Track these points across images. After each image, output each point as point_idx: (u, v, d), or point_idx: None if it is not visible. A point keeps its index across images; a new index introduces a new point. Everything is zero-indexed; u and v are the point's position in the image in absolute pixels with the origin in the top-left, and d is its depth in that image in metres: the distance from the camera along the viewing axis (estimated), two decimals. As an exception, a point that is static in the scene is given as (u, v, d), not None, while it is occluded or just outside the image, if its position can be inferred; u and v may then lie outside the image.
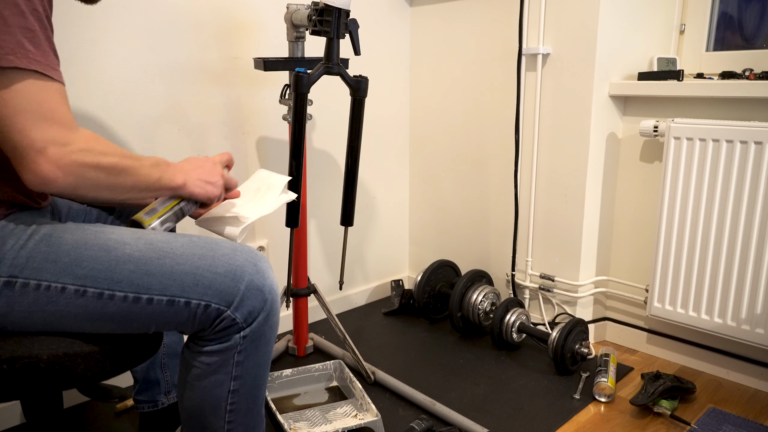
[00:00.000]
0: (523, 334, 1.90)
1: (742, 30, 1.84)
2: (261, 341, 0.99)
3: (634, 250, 1.90)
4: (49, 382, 0.89)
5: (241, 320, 0.95)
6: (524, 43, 1.90)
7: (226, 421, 1.01)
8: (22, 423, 1.50)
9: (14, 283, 0.86)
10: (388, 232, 2.35)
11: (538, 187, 1.96)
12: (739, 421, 1.51)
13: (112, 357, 0.94)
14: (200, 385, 0.98)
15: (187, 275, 0.91)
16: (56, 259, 0.87)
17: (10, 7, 0.78)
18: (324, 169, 2.06)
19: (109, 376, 0.96)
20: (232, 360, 0.97)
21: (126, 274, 0.89)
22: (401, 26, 2.22)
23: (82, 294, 0.88)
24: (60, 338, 0.91)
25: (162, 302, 0.91)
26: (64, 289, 0.87)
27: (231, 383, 0.99)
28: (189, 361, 0.99)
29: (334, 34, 1.41)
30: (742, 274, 1.58)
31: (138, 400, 1.37)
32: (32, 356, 0.88)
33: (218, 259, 0.93)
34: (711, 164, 1.59)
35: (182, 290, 0.91)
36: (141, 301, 0.90)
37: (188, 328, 0.96)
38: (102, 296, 0.89)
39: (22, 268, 0.86)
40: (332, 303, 2.18)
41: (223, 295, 0.93)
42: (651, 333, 1.88)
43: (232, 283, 0.93)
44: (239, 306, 0.94)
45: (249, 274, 0.94)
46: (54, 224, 0.91)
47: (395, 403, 1.60)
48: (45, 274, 0.86)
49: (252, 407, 1.04)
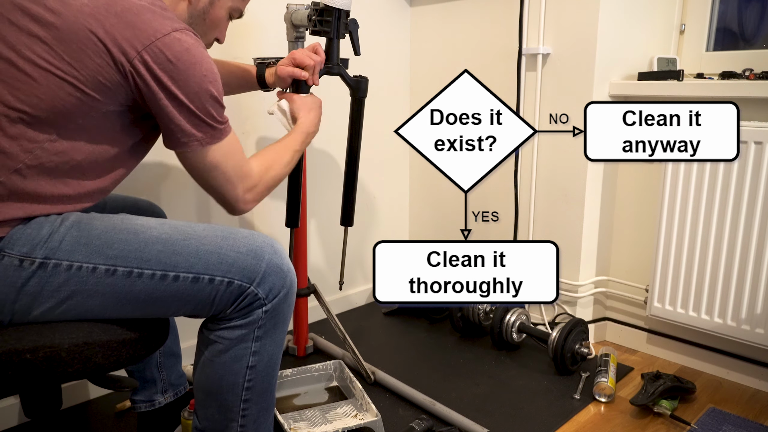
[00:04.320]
0: (523, 334, 1.90)
1: (742, 30, 1.84)
2: (279, 319, 1.03)
3: (634, 250, 1.90)
4: (69, 371, 0.92)
5: (263, 296, 0.99)
6: (524, 43, 1.89)
7: (242, 399, 1.05)
8: (21, 423, 1.50)
9: (47, 264, 0.90)
10: (388, 232, 2.35)
11: (538, 187, 1.96)
12: (739, 421, 1.51)
13: (127, 346, 0.98)
14: (220, 360, 1.02)
15: (212, 254, 0.97)
16: (88, 242, 0.92)
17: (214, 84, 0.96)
18: (324, 169, 2.06)
19: (123, 365, 0.99)
20: (253, 335, 1.02)
21: (154, 254, 0.94)
22: (401, 26, 2.22)
23: (112, 273, 0.93)
24: (77, 327, 0.94)
25: (188, 279, 0.96)
26: (95, 269, 0.92)
27: (250, 358, 1.03)
28: (209, 339, 1.03)
29: (334, 35, 1.41)
30: (742, 274, 1.58)
31: (135, 400, 1.38)
32: (54, 345, 0.90)
33: (239, 240, 0.99)
34: (711, 164, 1.59)
35: (207, 268, 0.96)
36: (168, 278, 0.95)
37: (206, 309, 0.99)
38: (131, 274, 0.93)
39: (56, 250, 0.90)
40: (332, 303, 2.18)
41: (246, 272, 0.98)
42: (651, 333, 1.88)
43: (254, 261, 0.98)
44: (261, 282, 0.99)
45: (268, 253, 1.00)
46: (80, 213, 0.96)
47: (395, 403, 1.60)
48: (77, 256, 0.91)
49: (267, 388, 1.08)
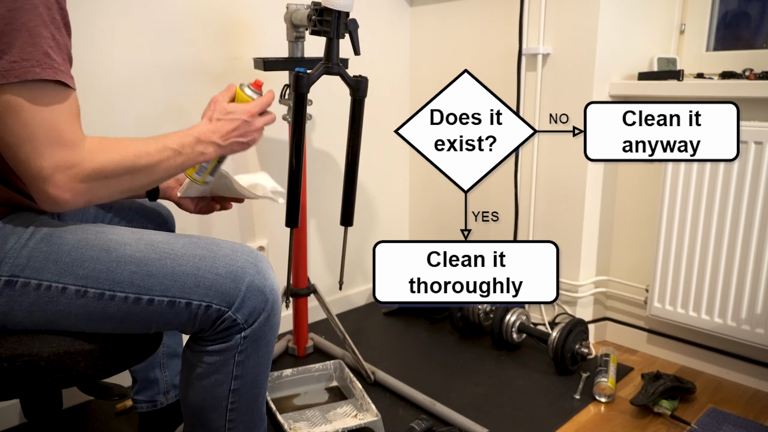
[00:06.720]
0: (523, 334, 1.90)
1: (742, 30, 1.84)
2: (262, 341, 0.99)
3: (634, 250, 1.90)
4: (49, 380, 0.89)
5: (242, 321, 0.94)
6: (524, 43, 1.89)
7: (227, 420, 1.02)
8: (21, 423, 1.50)
9: (15, 283, 0.86)
10: (388, 232, 2.35)
11: (538, 187, 1.96)
12: (739, 421, 1.51)
13: (112, 355, 0.95)
14: (201, 384, 0.99)
15: (189, 276, 0.91)
16: (57, 258, 0.87)
17: (34, 18, 0.77)
18: (324, 169, 2.06)
19: (109, 374, 0.96)
20: (233, 360, 0.97)
21: (127, 275, 0.89)
22: (401, 26, 2.22)
23: (83, 294, 0.88)
24: (60, 336, 0.91)
25: (163, 303, 0.91)
26: (65, 289, 0.87)
27: (232, 383, 0.99)
28: (191, 360, 0.99)
29: (334, 34, 1.41)
30: (742, 274, 1.58)
31: (136, 399, 1.37)
32: (33, 354, 0.88)
33: (219, 260, 0.93)
34: (711, 164, 1.59)
35: (183, 291, 0.91)
36: (142, 302, 0.90)
37: (189, 328, 0.96)
38: (103, 297, 0.88)
39: (23, 267, 0.86)
40: (332, 303, 2.18)
41: (224, 296, 0.92)
42: (651, 333, 1.88)
43: (233, 284, 0.93)
44: (240, 307, 0.94)
45: (250, 275, 0.94)
46: (53, 224, 0.91)
47: (395, 403, 1.60)
48: (46, 274, 0.86)
49: (252, 407, 1.04)
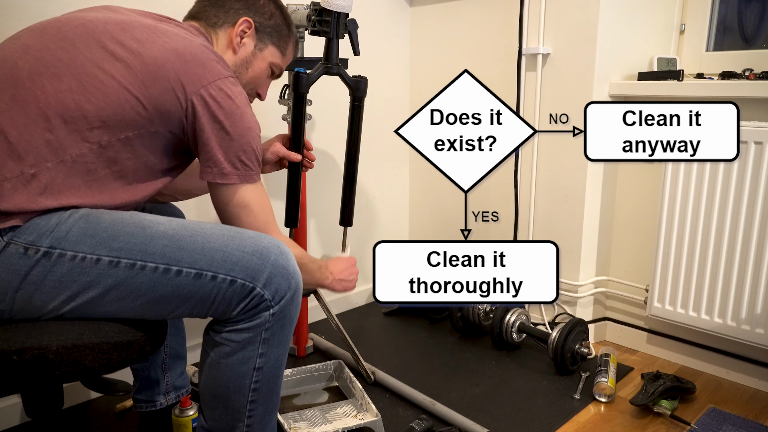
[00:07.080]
0: (523, 334, 1.90)
1: (742, 30, 1.84)
2: (286, 321, 1.04)
3: (634, 250, 1.90)
4: (57, 373, 0.91)
5: (269, 297, 1.00)
6: (524, 43, 1.89)
7: (248, 400, 1.05)
8: (22, 423, 1.50)
9: (52, 254, 0.91)
10: (388, 232, 2.35)
11: (538, 187, 1.96)
12: (739, 421, 1.51)
13: (119, 350, 0.97)
14: (227, 362, 1.03)
15: (217, 251, 0.98)
16: (94, 234, 0.94)
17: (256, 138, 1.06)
18: (323, 169, 2.06)
19: (115, 368, 0.98)
20: (260, 337, 1.02)
21: (159, 248, 0.96)
22: (401, 26, 2.22)
23: (115, 265, 0.94)
24: (68, 329, 0.93)
25: (190, 275, 0.97)
26: (98, 260, 0.93)
27: (257, 360, 1.03)
28: (215, 341, 1.03)
29: (334, 35, 1.41)
30: (742, 274, 1.58)
31: (137, 399, 1.38)
32: (41, 347, 0.89)
33: (245, 239, 1.00)
34: (711, 164, 1.59)
35: (210, 264, 0.97)
36: (170, 272, 0.96)
37: (205, 308, 1.00)
38: (134, 267, 0.94)
39: (62, 240, 0.92)
40: (332, 303, 2.18)
41: (250, 271, 0.98)
42: (651, 333, 1.88)
43: (259, 261, 0.99)
44: (267, 283, 0.99)
45: (274, 255, 1.00)
46: (90, 208, 0.98)
47: (395, 403, 1.60)
48: (82, 246, 0.93)
49: (272, 388, 1.08)
